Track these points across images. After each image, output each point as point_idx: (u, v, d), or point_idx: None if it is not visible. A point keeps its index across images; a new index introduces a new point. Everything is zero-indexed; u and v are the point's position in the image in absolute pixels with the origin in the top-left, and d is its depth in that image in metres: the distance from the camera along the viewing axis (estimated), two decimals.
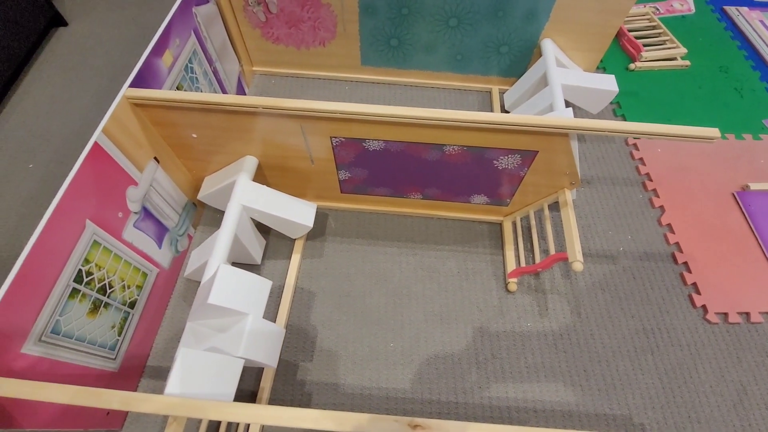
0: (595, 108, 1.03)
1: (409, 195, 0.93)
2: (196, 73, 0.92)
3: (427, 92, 1.22)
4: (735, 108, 1.21)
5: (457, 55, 1.13)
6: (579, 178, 0.80)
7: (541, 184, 0.84)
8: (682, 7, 1.45)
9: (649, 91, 1.23)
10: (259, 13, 1.07)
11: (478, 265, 0.93)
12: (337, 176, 0.88)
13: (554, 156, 0.76)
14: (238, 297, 0.58)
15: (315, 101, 0.69)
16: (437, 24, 1.05)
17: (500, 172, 0.81)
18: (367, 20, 1.06)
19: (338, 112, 0.69)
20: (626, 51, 1.32)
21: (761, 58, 1.33)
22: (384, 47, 1.13)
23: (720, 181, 1.06)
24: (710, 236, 0.98)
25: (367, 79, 1.23)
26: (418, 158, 0.80)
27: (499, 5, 0.99)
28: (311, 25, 1.09)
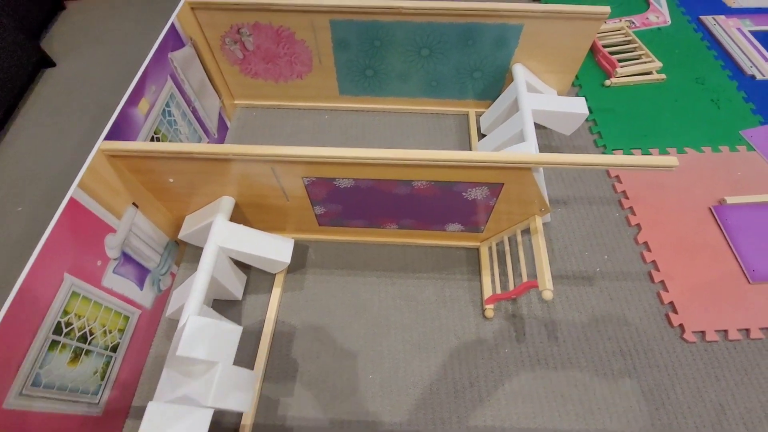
0: (567, 130, 1.05)
1: (385, 225, 0.95)
2: (174, 115, 0.95)
3: (405, 118, 1.24)
4: (712, 120, 1.21)
5: (431, 82, 1.15)
6: (548, 205, 0.82)
7: (512, 212, 0.86)
8: (657, 20, 1.47)
9: (626, 107, 1.24)
10: (236, 50, 1.10)
11: (456, 291, 0.94)
12: (313, 211, 0.90)
13: (520, 187, 0.77)
14: (206, 347, 0.60)
15: (283, 147, 0.72)
16: (409, 54, 1.07)
17: (470, 203, 0.83)
18: (342, 53, 1.09)
19: (306, 156, 0.72)
20: (602, 67, 1.33)
21: (738, 67, 1.34)
22: (360, 77, 1.15)
23: (697, 196, 1.07)
24: (687, 253, 0.98)
25: (346, 108, 1.25)
26: (389, 193, 0.82)
27: (468, 34, 1.01)
28: (288, 60, 1.12)
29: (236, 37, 1.06)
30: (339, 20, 1.00)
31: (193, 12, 1.00)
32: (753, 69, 1.32)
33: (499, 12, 0.95)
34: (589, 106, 1.24)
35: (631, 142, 1.17)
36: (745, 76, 1.32)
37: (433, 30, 1.01)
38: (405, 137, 1.20)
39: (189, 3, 0.98)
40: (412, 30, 1.01)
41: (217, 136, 1.16)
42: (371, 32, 1.02)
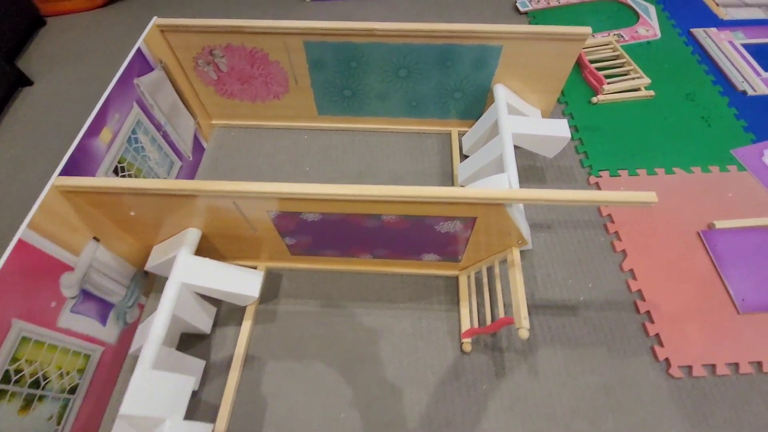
0: (550, 153, 1.02)
1: (359, 255, 0.92)
2: (141, 142, 0.92)
3: (386, 137, 1.21)
4: (702, 138, 1.18)
5: (411, 102, 1.12)
6: (525, 238, 0.78)
7: (489, 243, 0.83)
8: (647, 33, 1.44)
9: (613, 125, 1.21)
10: (210, 72, 1.07)
11: (433, 323, 0.91)
12: (283, 241, 0.87)
13: (494, 220, 0.74)
14: (155, 402, 0.57)
15: (244, 183, 0.69)
16: (387, 75, 1.04)
17: (444, 235, 0.80)
18: (318, 74, 1.06)
19: (267, 192, 0.68)
20: (589, 83, 1.30)
21: (729, 82, 1.31)
22: (338, 97, 1.12)
23: (685, 220, 1.04)
24: (674, 281, 0.95)
25: (325, 127, 1.22)
26: (359, 225, 0.78)
27: (446, 55, 0.98)
28: (263, 81, 1.09)
29: (209, 59, 1.03)
30: (313, 42, 0.97)
31: (163, 34, 0.97)
32: (744, 84, 1.29)
33: (476, 33, 0.92)
34: (576, 124, 1.22)
35: (618, 162, 1.13)
36: (737, 91, 1.28)
37: (409, 51, 0.98)
38: (386, 157, 1.17)
39: (158, 26, 0.95)
40: (388, 51, 0.98)
41: (192, 158, 1.13)
42: (347, 53, 0.99)
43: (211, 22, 0.95)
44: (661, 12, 1.51)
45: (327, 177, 1.14)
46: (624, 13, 1.51)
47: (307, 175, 1.14)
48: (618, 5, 1.54)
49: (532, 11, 1.52)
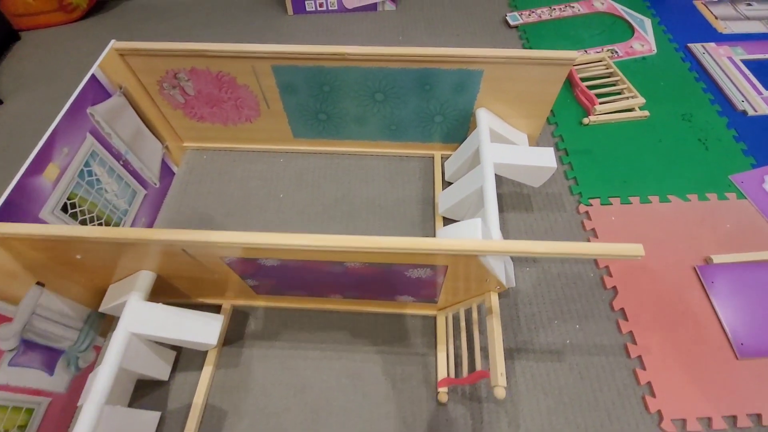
0: (535, 182, 0.95)
1: (328, 296, 0.86)
2: (96, 174, 0.86)
3: (365, 161, 1.15)
4: (699, 162, 1.11)
5: (390, 126, 1.06)
6: (503, 284, 0.72)
7: (466, 287, 0.76)
8: (642, 48, 1.37)
9: (605, 148, 1.15)
10: (177, 95, 1.01)
11: (408, 368, 0.85)
12: (245, 283, 0.81)
13: (467, 269, 0.68)
14: None
15: (188, 232, 0.63)
16: (363, 99, 0.98)
17: (416, 280, 0.74)
18: (290, 98, 1.00)
19: (214, 243, 0.62)
20: (580, 103, 1.24)
21: (728, 101, 1.24)
22: (313, 121, 1.06)
23: (680, 253, 0.97)
24: (668, 322, 0.88)
25: (301, 150, 1.16)
26: (322, 271, 0.72)
27: (424, 79, 0.92)
28: (233, 104, 1.03)
29: (174, 82, 0.98)
30: (281, 66, 0.91)
31: (123, 58, 0.92)
32: (745, 104, 1.22)
33: (455, 58, 0.86)
34: (566, 147, 1.15)
35: (609, 190, 1.07)
36: (736, 111, 1.22)
37: (385, 75, 0.92)
38: (364, 183, 1.11)
39: (117, 50, 0.90)
40: (362, 75, 0.92)
41: (160, 185, 1.07)
42: (318, 77, 0.93)
43: (172, 45, 0.89)
44: (657, 26, 1.45)
45: (301, 204, 1.08)
46: (619, 26, 1.45)
47: (280, 202, 1.08)
48: (612, 18, 1.47)
49: (523, 25, 1.46)
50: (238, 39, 1.50)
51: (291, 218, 1.05)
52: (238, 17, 1.59)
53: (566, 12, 1.48)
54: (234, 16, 1.59)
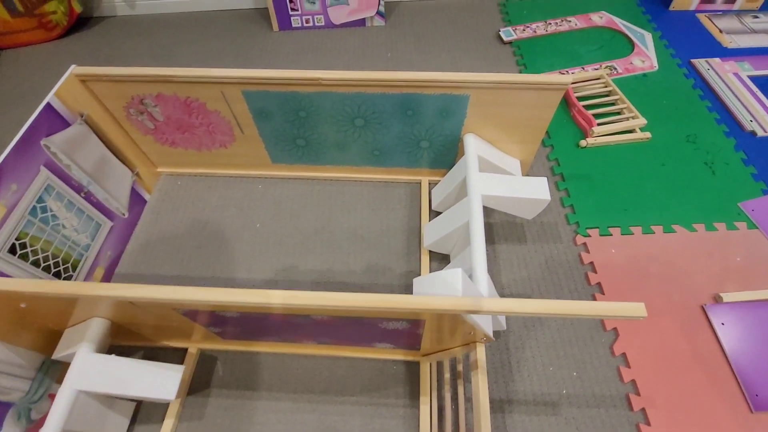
0: (528, 215, 0.88)
1: (301, 342, 0.78)
2: (51, 210, 0.80)
3: (348, 187, 1.08)
4: (705, 188, 1.04)
5: (373, 151, 1.00)
6: (490, 336, 0.65)
7: (451, 337, 0.69)
8: (643, 64, 1.30)
9: (604, 173, 1.07)
10: (145, 121, 0.96)
11: (388, 422, 0.77)
12: (208, 329, 0.74)
13: (447, 323, 0.61)
14: None
15: (129, 287, 0.56)
16: (342, 124, 0.92)
17: (392, 331, 0.67)
18: (264, 123, 0.94)
19: (156, 299, 0.55)
20: (578, 124, 1.17)
21: (736, 120, 1.17)
22: (291, 146, 1.00)
23: (687, 290, 0.89)
24: (674, 369, 0.80)
25: (281, 176, 1.10)
26: (286, 321, 0.65)
27: (406, 105, 0.86)
28: (206, 130, 0.97)
29: (141, 108, 0.92)
30: (252, 91, 0.85)
31: (85, 84, 0.86)
32: (753, 124, 1.15)
33: (437, 83, 0.80)
34: (562, 171, 1.08)
35: (609, 219, 0.99)
36: (744, 132, 1.14)
37: (364, 100, 0.85)
38: (346, 211, 1.04)
39: (77, 76, 0.84)
40: (339, 100, 0.86)
41: (129, 215, 1.01)
42: (293, 103, 0.87)
43: (135, 70, 0.83)
44: (658, 40, 1.38)
45: (278, 234, 1.01)
46: (618, 41, 1.38)
47: (256, 232, 1.01)
48: (611, 33, 1.41)
49: (517, 41, 1.40)
50: (221, 56, 1.46)
51: (267, 250, 0.98)
52: (222, 34, 1.53)
53: (562, 26, 1.42)
54: (218, 33, 1.54)
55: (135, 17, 1.62)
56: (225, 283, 0.94)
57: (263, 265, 0.96)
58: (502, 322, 0.81)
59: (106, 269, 0.95)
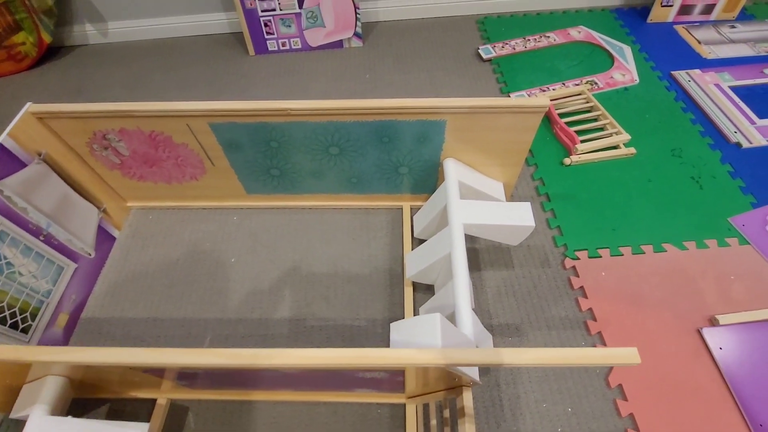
0: (513, 241, 0.85)
1: (276, 389, 0.73)
2: (6, 257, 0.75)
3: (327, 216, 1.04)
4: (694, 204, 1.01)
5: (351, 178, 0.96)
6: (477, 380, 0.60)
7: (433, 383, 0.64)
8: (624, 78, 1.29)
9: (590, 191, 1.04)
10: (110, 156, 0.91)
11: None
12: (175, 382, 0.69)
13: (430, 370, 0.56)
14: None
15: (80, 349, 0.51)
16: (316, 153, 0.88)
17: (370, 380, 0.62)
18: (235, 155, 0.90)
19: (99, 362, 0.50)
20: (561, 141, 1.14)
21: (720, 132, 1.15)
22: (265, 177, 0.96)
23: (682, 313, 0.86)
24: (673, 399, 0.76)
25: (257, 206, 1.05)
26: (257, 374, 0.60)
27: (381, 132, 0.82)
28: (174, 163, 0.93)
29: (105, 143, 0.88)
30: (220, 123, 0.81)
31: (43, 122, 0.82)
32: (738, 135, 1.13)
33: (411, 109, 0.76)
34: (547, 191, 1.05)
35: (597, 239, 0.96)
36: (729, 144, 1.12)
37: (337, 129, 0.82)
38: (326, 241, 1.00)
39: (33, 113, 0.79)
40: (311, 129, 0.82)
41: (96, 255, 0.96)
42: (263, 133, 0.83)
43: (94, 106, 0.79)
44: (638, 53, 1.37)
45: (254, 269, 0.96)
46: (598, 56, 1.37)
47: (230, 268, 0.97)
48: (590, 47, 1.40)
49: (496, 58, 1.38)
50: (196, 82, 1.43)
51: (241, 287, 0.93)
52: (198, 60, 1.50)
53: (541, 42, 1.41)
54: (193, 59, 1.51)
55: (107, 45, 1.58)
56: (196, 325, 0.88)
57: (238, 303, 0.91)
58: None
59: (70, 314, 0.89)
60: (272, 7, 1.37)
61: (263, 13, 1.39)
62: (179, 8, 1.51)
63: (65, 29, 1.55)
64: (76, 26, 1.54)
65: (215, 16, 1.54)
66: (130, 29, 1.56)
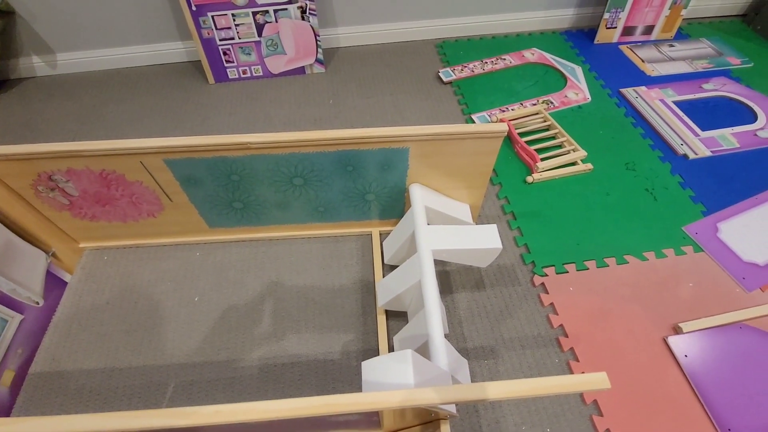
0: (482, 263, 0.85)
1: None
2: None
3: (295, 246, 1.02)
4: (650, 215, 1.06)
5: (318, 207, 0.94)
6: (455, 413, 0.59)
7: (410, 418, 0.63)
8: (577, 97, 1.35)
9: (553, 208, 1.07)
10: (58, 197, 0.86)
11: None
12: None
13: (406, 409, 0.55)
14: None
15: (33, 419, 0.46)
16: (280, 184, 0.86)
17: (343, 422, 0.59)
18: (195, 190, 0.86)
19: None
20: (522, 160, 1.17)
21: (668, 145, 1.22)
22: (227, 210, 0.93)
23: (647, 323, 0.88)
24: (646, 411, 0.78)
25: (222, 240, 1.02)
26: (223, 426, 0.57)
27: (344, 161, 0.82)
28: (129, 201, 0.88)
29: (51, 185, 0.82)
30: (176, 159, 0.78)
31: None
32: (684, 147, 1.20)
33: (373, 138, 0.76)
34: (513, 210, 1.07)
35: (563, 255, 0.98)
36: (677, 156, 1.19)
37: (299, 160, 0.80)
38: (295, 272, 0.97)
39: None
40: (273, 161, 0.80)
41: (43, 303, 0.89)
42: (222, 167, 0.81)
43: (37, 147, 0.74)
44: (588, 72, 1.44)
45: (220, 307, 0.92)
46: (551, 76, 1.43)
47: (194, 307, 0.92)
48: (544, 68, 1.46)
49: (456, 80, 1.42)
50: (153, 113, 1.38)
51: (207, 327, 0.89)
52: (154, 90, 1.46)
53: (498, 65, 1.46)
54: (150, 89, 1.46)
55: (57, 77, 1.52)
56: (158, 372, 0.83)
57: (203, 345, 0.87)
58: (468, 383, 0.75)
59: (17, 370, 0.82)
60: (230, 36, 1.36)
61: (221, 42, 1.37)
62: (133, 38, 1.47)
63: (10, 62, 1.47)
64: (22, 58, 1.47)
65: (171, 45, 1.50)
66: (80, 60, 1.50)
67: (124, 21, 1.42)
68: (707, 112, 1.30)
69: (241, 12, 1.31)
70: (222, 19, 1.32)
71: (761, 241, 0.99)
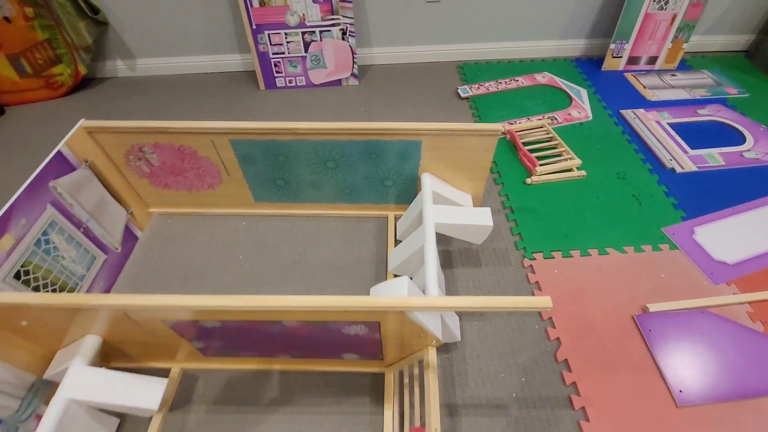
0: (477, 240, 1.02)
1: (276, 356, 0.87)
2: (53, 242, 0.90)
3: (323, 223, 1.21)
4: (634, 217, 1.20)
5: (345, 189, 1.14)
6: (439, 339, 0.75)
7: (405, 343, 0.79)
8: (579, 115, 1.52)
9: (547, 206, 1.23)
10: (142, 166, 1.09)
11: (356, 428, 0.84)
12: (192, 345, 0.83)
13: (399, 324, 0.71)
14: None
15: (123, 296, 0.66)
16: (316, 167, 1.07)
17: (354, 337, 0.77)
18: (248, 167, 1.08)
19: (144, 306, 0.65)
20: (523, 164, 1.34)
21: (658, 160, 1.36)
22: (272, 187, 1.14)
23: (620, 303, 1.02)
24: (610, 372, 0.91)
25: (263, 214, 1.22)
26: (262, 330, 0.75)
27: (370, 149, 1.01)
28: (196, 173, 1.11)
29: (140, 155, 1.05)
30: (239, 140, 1.00)
31: (91, 135, 1.00)
32: (672, 162, 1.34)
33: (392, 131, 0.96)
34: (511, 205, 1.23)
35: (552, 244, 1.14)
36: (666, 169, 1.33)
37: (334, 146, 1.01)
38: (321, 244, 1.16)
39: (85, 128, 0.98)
40: (312, 146, 1.01)
41: (122, 250, 1.11)
42: (273, 149, 1.02)
43: (136, 123, 0.98)
44: (593, 95, 1.61)
45: (259, 267, 1.11)
46: (558, 96, 1.61)
47: (239, 265, 1.12)
48: (553, 90, 1.64)
49: (473, 97, 1.61)
50: (212, 111, 1.63)
51: (248, 280, 1.09)
52: (213, 93, 1.72)
53: (511, 85, 1.65)
54: (210, 92, 1.73)
55: (134, 78, 1.81)
56: None
57: (244, 292, 1.06)
58: (456, 334, 0.91)
59: None
60: (282, 51, 1.61)
61: (274, 56, 1.62)
62: (200, 49, 1.75)
63: (99, 63, 1.77)
64: (109, 61, 1.77)
65: (231, 57, 1.78)
66: (155, 65, 1.79)
67: (195, 35, 1.70)
68: (699, 134, 1.44)
69: (293, 32, 1.56)
70: (276, 37, 1.57)
71: (733, 243, 1.12)
